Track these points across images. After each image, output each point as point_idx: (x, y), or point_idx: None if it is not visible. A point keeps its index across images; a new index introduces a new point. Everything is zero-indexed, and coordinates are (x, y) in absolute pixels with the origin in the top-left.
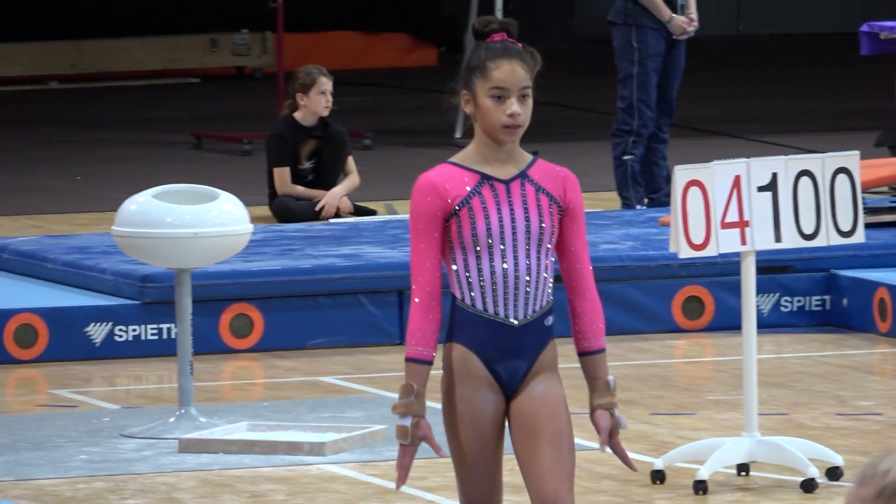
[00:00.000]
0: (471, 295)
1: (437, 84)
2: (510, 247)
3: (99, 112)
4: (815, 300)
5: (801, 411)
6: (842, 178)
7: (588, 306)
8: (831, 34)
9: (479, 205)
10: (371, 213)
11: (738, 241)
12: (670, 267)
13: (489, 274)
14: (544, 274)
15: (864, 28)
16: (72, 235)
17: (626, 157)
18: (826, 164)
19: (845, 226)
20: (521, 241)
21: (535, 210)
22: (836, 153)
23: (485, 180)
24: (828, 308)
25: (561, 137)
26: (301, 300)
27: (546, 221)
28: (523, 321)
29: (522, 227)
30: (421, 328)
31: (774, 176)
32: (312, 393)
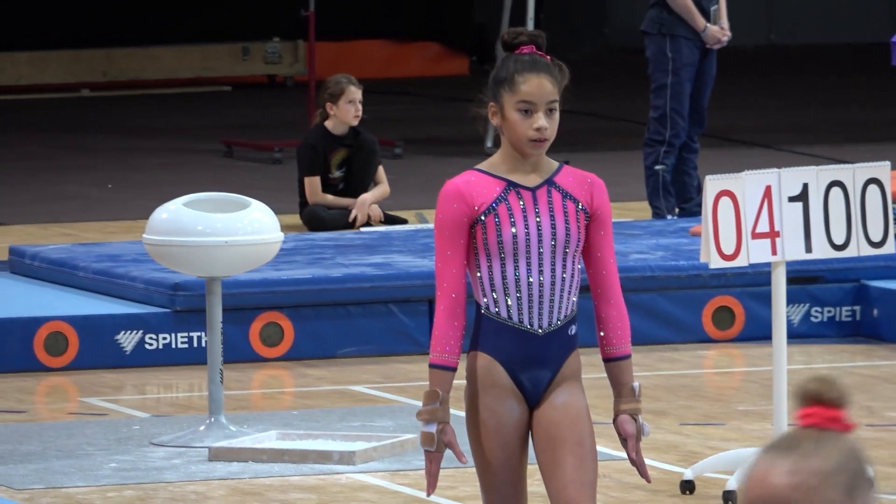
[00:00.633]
0: (495, 303)
1: (468, 93)
2: (535, 254)
3: (130, 120)
4: (846, 311)
5: None
6: (872, 189)
7: (614, 312)
8: (862, 44)
9: (505, 212)
10: (402, 221)
11: (768, 251)
12: (701, 277)
13: (514, 281)
14: (569, 282)
15: (895, 39)
16: (102, 243)
17: (658, 166)
18: (857, 174)
19: (876, 236)
20: (547, 248)
21: (562, 217)
22: (867, 163)
23: (511, 187)
24: (858, 319)
25: (593, 147)
26: (331, 309)
27: (573, 228)
28: (547, 329)
29: (549, 235)
30: (446, 334)
31: (805, 186)
32: (342, 402)
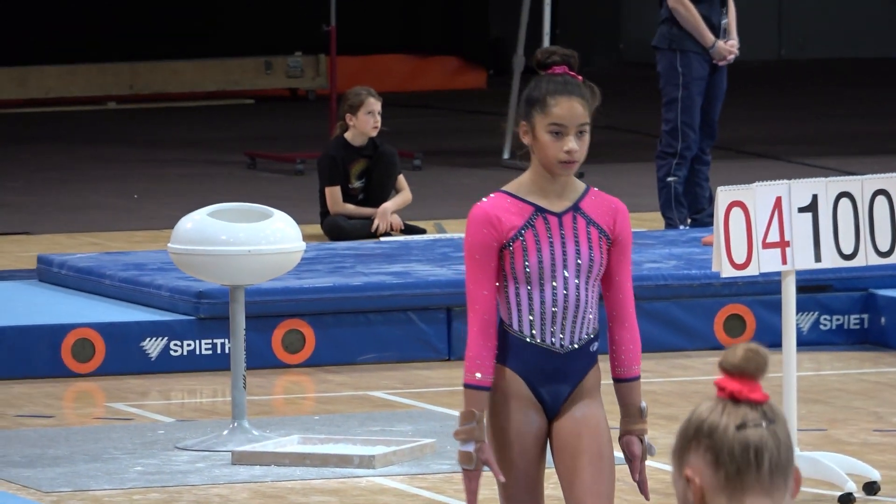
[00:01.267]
0: (519, 322)
1: (485, 106)
2: (560, 278)
3: (155, 132)
4: (854, 319)
5: (840, 427)
6: (881, 200)
7: (627, 335)
8: (870, 59)
9: (531, 238)
10: (421, 231)
11: (778, 260)
12: (712, 286)
13: (539, 304)
14: (591, 303)
15: None
16: (128, 252)
17: (670, 178)
18: (865, 185)
19: (884, 246)
20: (572, 273)
21: (586, 243)
22: (875, 175)
23: (538, 213)
24: (866, 326)
25: (607, 159)
26: (352, 316)
27: (595, 254)
28: (569, 348)
29: (573, 260)
30: (480, 355)
31: (815, 197)
32: (362, 407)
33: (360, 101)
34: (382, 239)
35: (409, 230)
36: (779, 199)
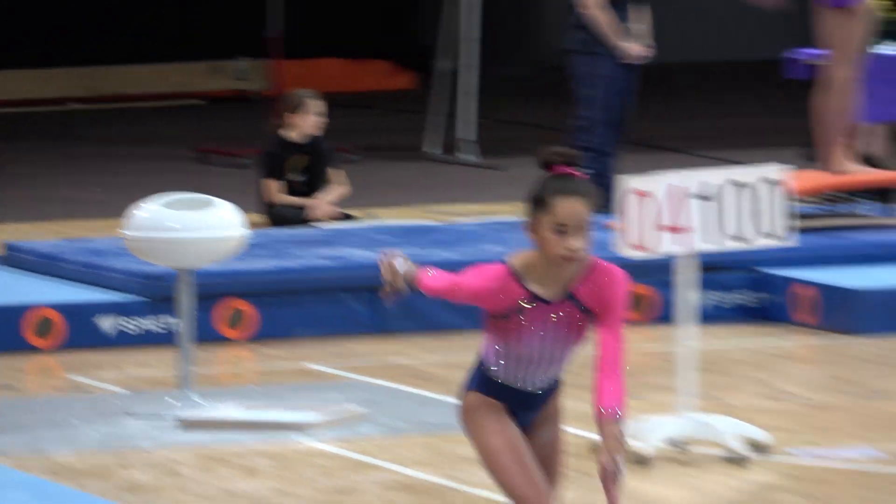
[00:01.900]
0: (498, 368)
1: (414, 105)
2: (542, 350)
3: (112, 131)
4: (747, 296)
5: (732, 395)
6: (771, 188)
7: (613, 386)
8: (762, 60)
9: (528, 316)
10: (354, 218)
11: (677, 243)
12: (622, 266)
13: (517, 361)
14: (565, 361)
15: (789, 54)
16: (87, 239)
17: (585, 171)
18: (757, 174)
19: (774, 229)
20: (553, 347)
21: (574, 328)
22: (765, 165)
23: (534, 299)
24: (759, 304)
25: (526, 153)
26: (290, 296)
27: (579, 336)
28: (540, 389)
29: (556, 340)
30: (438, 276)
31: (711, 185)
32: (299, 379)
33: (300, 102)
34: (319, 226)
35: (344, 218)
36: (677, 188)
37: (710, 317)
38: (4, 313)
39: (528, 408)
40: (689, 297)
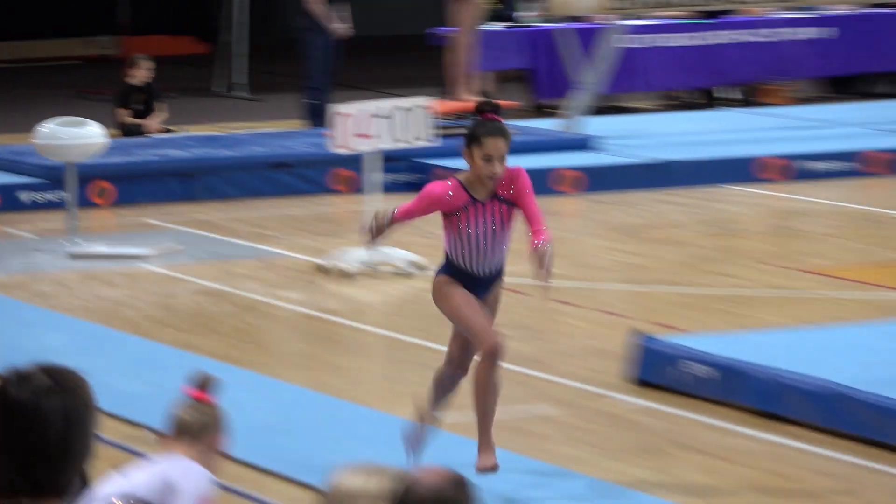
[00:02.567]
0: (457, 257)
1: (208, 62)
2: (483, 238)
3: (25, 83)
4: (409, 176)
5: (401, 235)
6: (421, 110)
7: (540, 234)
8: (416, 34)
9: (470, 214)
10: (172, 131)
11: (366, 145)
12: (329, 157)
13: (470, 250)
14: (504, 247)
15: (432, 30)
16: (10, 144)
17: (308, 100)
18: (413, 102)
19: (423, 135)
20: (490, 235)
21: (500, 217)
22: (417, 97)
23: (472, 201)
24: (417, 181)
25: (280, 91)
26: (135, 178)
27: (507, 222)
28: (487, 275)
29: (491, 229)
30: (403, 212)
31: (385, 108)
32: (141, 229)
33: (138, 62)
34: (150, 136)
35: (166, 132)
36: (364, 110)
37: (388, 189)
38: None
39: (479, 288)
40: (373, 177)
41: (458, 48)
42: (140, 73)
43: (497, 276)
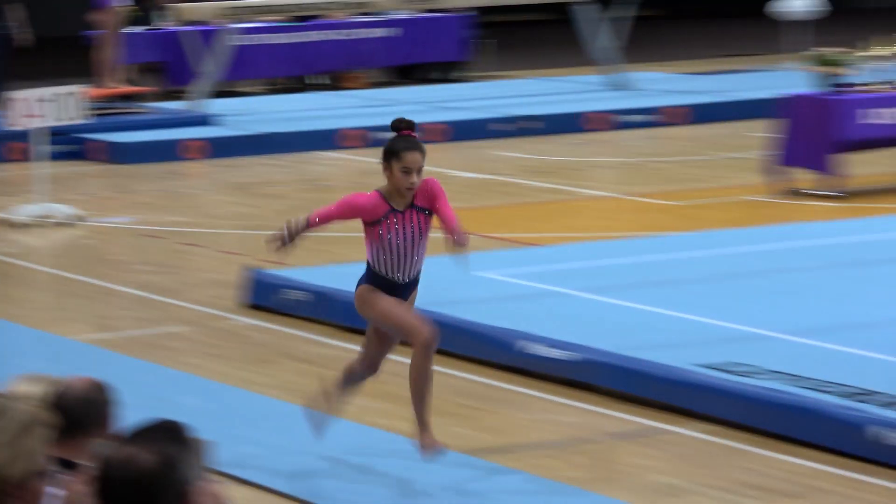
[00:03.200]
0: (379, 265)
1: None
2: (404, 246)
3: None
4: (76, 147)
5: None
6: (76, 95)
7: (455, 235)
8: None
9: (391, 223)
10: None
11: (35, 122)
12: (10, 134)
13: (391, 258)
14: (422, 255)
15: (85, 32)
16: None
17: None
18: (70, 90)
19: (78, 114)
20: (409, 243)
21: (418, 226)
22: (73, 85)
23: (392, 211)
24: (78, 150)
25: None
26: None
27: (424, 230)
28: (407, 280)
29: (410, 236)
30: (319, 216)
31: (53, 94)
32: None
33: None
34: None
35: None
36: (30, 97)
37: (54, 157)
38: None
39: (400, 294)
40: (41, 148)
41: (105, 46)
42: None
43: (415, 282)
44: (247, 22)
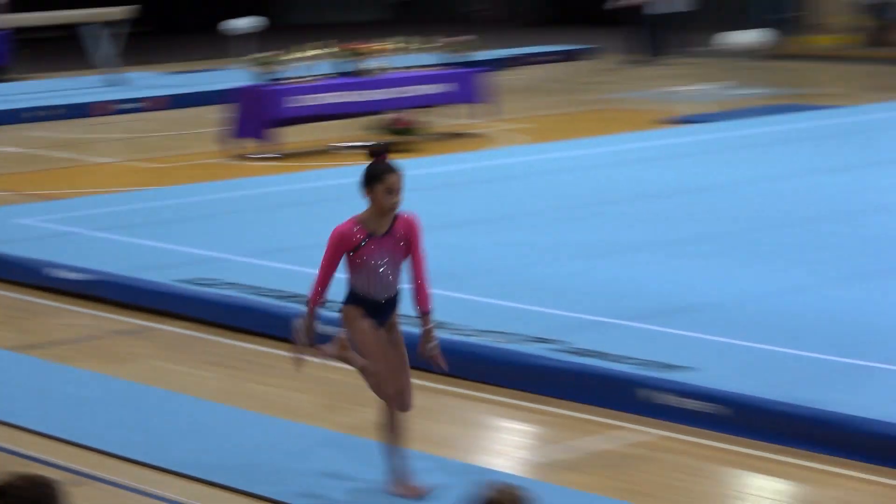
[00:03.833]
0: (361, 287)
1: None
2: (382, 268)
3: None
4: None
5: None
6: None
7: (420, 290)
8: None
9: (369, 248)
10: None
11: None
12: None
13: (371, 280)
14: (398, 277)
15: None
16: None
17: None
18: None
19: None
20: (387, 267)
21: (396, 251)
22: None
23: (370, 236)
24: None
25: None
26: None
27: (400, 256)
28: (388, 300)
29: (389, 261)
30: (319, 293)
31: None
32: None
33: None
34: None
35: None
36: None
37: None
38: None
39: (380, 313)
40: None
41: None
42: None
43: (396, 301)
44: None
